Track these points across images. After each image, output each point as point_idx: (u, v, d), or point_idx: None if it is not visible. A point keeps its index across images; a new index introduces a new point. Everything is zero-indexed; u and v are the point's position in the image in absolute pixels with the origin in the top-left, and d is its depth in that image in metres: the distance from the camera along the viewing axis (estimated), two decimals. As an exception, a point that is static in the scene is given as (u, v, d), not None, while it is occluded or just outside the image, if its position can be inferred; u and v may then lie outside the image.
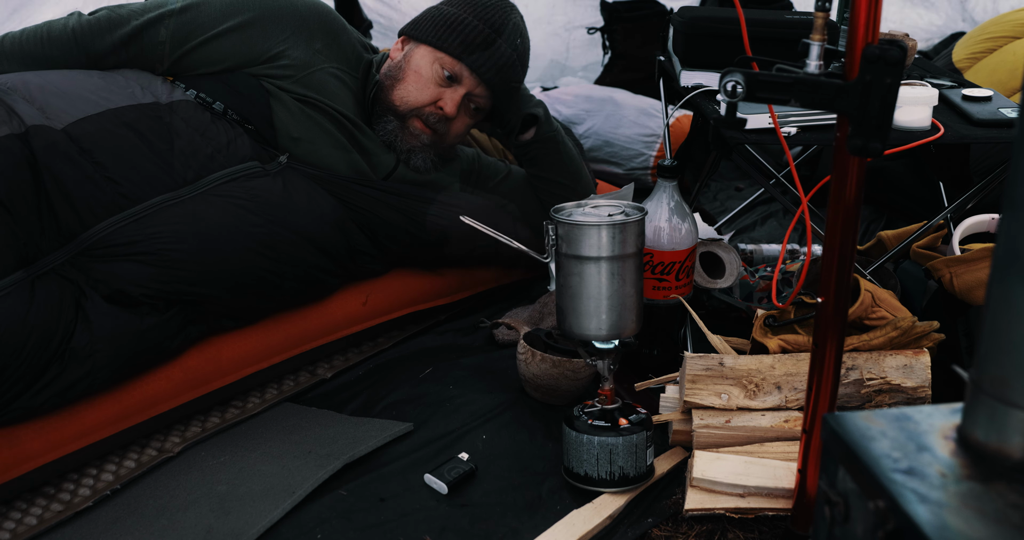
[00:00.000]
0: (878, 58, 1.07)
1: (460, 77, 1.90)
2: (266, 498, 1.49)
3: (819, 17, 1.16)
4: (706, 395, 1.54)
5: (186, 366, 1.69)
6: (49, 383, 1.49)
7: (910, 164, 2.61)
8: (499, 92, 1.95)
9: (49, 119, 1.62)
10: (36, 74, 1.75)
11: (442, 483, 1.52)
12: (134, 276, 1.59)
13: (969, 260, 1.75)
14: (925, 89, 1.67)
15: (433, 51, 1.90)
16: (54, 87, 1.69)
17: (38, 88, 1.68)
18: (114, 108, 1.68)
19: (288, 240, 1.75)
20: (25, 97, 1.65)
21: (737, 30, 1.34)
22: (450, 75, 1.89)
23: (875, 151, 1.11)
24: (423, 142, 1.92)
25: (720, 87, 1.15)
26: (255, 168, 1.75)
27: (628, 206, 1.58)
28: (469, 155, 2.08)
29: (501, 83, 1.93)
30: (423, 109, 1.90)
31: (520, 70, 1.97)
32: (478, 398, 1.78)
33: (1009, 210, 0.75)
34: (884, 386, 1.55)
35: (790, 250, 2.27)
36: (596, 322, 1.53)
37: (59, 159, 1.57)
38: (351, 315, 1.95)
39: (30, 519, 1.46)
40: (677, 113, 2.90)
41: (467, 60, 1.88)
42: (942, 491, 0.74)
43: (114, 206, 1.59)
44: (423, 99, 1.90)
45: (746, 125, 1.65)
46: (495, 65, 1.90)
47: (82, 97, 1.68)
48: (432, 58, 1.90)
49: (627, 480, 1.51)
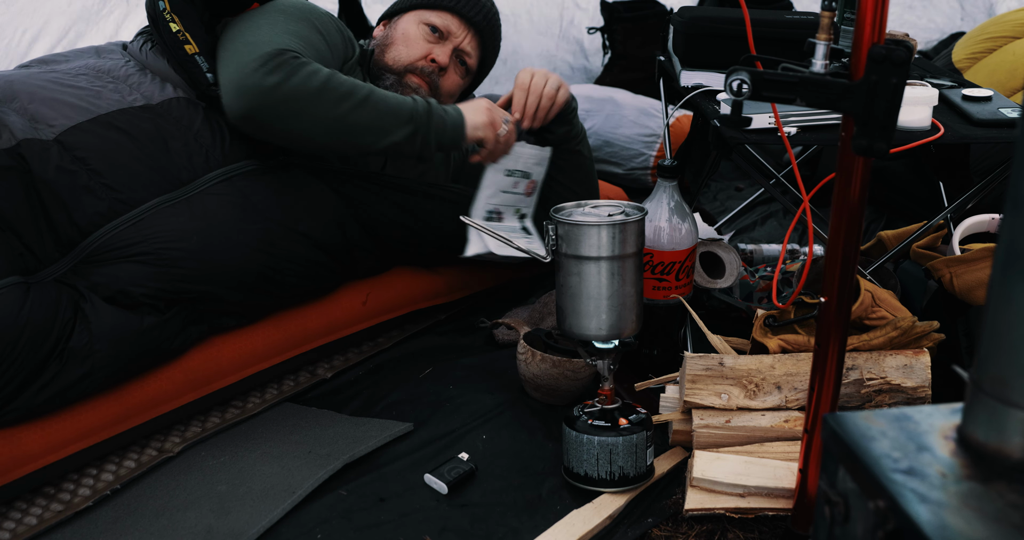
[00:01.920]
0: (884, 58, 1.07)
1: (448, 30, 2.00)
2: (266, 498, 1.49)
3: (825, 16, 1.16)
4: (706, 395, 1.54)
5: (187, 367, 1.69)
6: (48, 382, 1.49)
7: (910, 164, 2.61)
8: (486, 42, 2.05)
9: (40, 130, 1.62)
10: (21, 77, 1.74)
11: (442, 483, 1.52)
12: (134, 276, 1.59)
13: (969, 260, 1.75)
14: (925, 89, 1.67)
15: (417, 13, 2.02)
16: (43, 94, 1.68)
17: (27, 96, 1.67)
18: (105, 113, 1.67)
19: (286, 236, 1.75)
20: (14, 108, 1.65)
21: (737, 30, 1.35)
22: (437, 30, 1.99)
23: (880, 151, 1.11)
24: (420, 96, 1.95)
25: (726, 86, 1.15)
26: (251, 166, 1.75)
27: (628, 206, 1.58)
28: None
29: (488, 27, 2.04)
30: (416, 64, 1.98)
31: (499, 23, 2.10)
32: (478, 398, 1.78)
33: (1010, 210, 0.75)
34: (884, 386, 1.55)
35: (790, 250, 2.27)
36: (596, 322, 1.53)
37: (53, 171, 1.58)
38: (351, 315, 1.95)
39: (30, 519, 1.46)
40: (677, 113, 2.90)
41: (454, 8, 1.99)
42: (942, 491, 0.74)
43: (112, 212, 1.60)
44: (415, 54, 1.98)
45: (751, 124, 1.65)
46: (480, 11, 2.02)
47: (70, 104, 1.68)
48: (417, 20, 2.01)
49: (627, 480, 1.51)
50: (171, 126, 1.70)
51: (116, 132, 1.66)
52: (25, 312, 1.45)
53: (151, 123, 1.69)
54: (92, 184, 1.59)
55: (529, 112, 1.89)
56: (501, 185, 1.90)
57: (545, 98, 1.89)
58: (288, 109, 1.63)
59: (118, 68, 1.82)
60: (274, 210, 1.74)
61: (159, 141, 1.68)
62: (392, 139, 1.71)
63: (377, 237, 1.92)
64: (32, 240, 1.54)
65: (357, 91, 1.68)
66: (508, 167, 1.89)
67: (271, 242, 1.73)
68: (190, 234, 1.64)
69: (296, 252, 1.77)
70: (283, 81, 1.61)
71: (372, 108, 1.69)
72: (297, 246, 1.77)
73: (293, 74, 1.63)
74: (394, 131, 1.71)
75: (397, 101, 1.73)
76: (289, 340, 1.85)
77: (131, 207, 1.61)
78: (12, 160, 1.55)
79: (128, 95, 1.73)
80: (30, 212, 1.55)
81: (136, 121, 1.69)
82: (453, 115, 1.77)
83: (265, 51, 1.64)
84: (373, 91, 1.71)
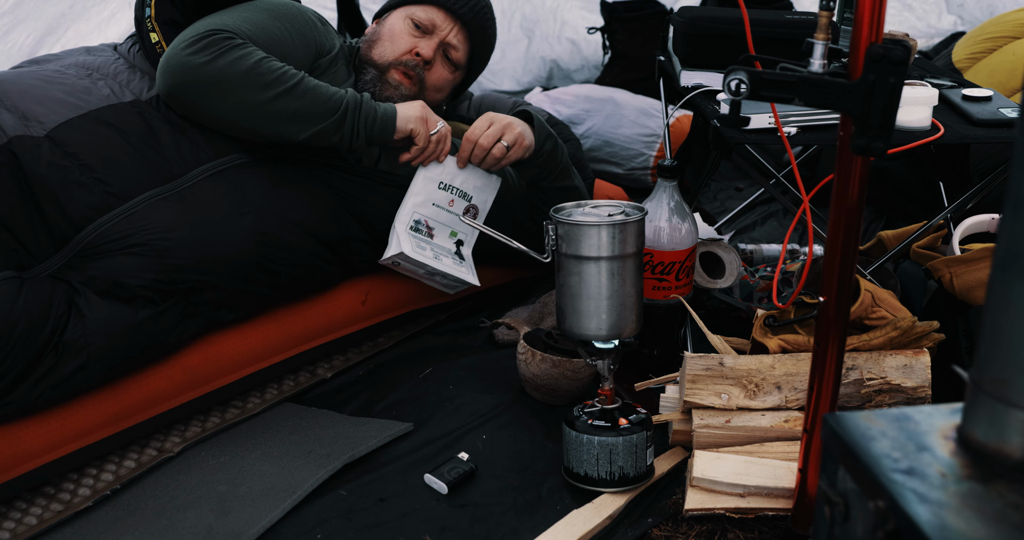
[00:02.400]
0: (882, 57, 1.07)
1: (432, 25, 1.99)
2: (266, 498, 1.49)
3: (823, 16, 1.16)
4: (706, 395, 1.54)
5: (186, 365, 1.69)
6: (44, 376, 1.49)
7: (910, 164, 2.61)
8: (475, 37, 2.04)
9: (31, 127, 1.63)
10: (12, 75, 1.75)
11: (442, 483, 1.52)
12: (128, 268, 1.59)
13: (969, 260, 1.75)
14: (925, 89, 1.67)
15: (404, 9, 2.01)
16: (33, 92, 1.70)
17: (18, 93, 1.69)
18: (95, 109, 1.69)
19: (280, 226, 1.75)
20: (5, 106, 1.66)
21: (736, 30, 1.35)
22: (421, 26, 1.98)
23: (878, 151, 1.11)
24: (402, 93, 1.97)
25: (724, 85, 1.15)
26: (241, 159, 1.75)
27: (628, 206, 1.58)
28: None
29: (476, 21, 2.02)
30: (401, 58, 1.97)
31: (490, 18, 2.07)
32: (478, 398, 1.78)
33: (1010, 210, 0.75)
34: (884, 386, 1.55)
35: (790, 250, 2.27)
36: (596, 322, 1.53)
37: (45, 167, 1.59)
38: (351, 315, 1.95)
39: (30, 519, 1.46)
40: (677, 113, 2.90)
41: (438, 2, 1.99)
42: (942, 491, 0.74)
43: (104, 206, 1.60)
44: (400, 49, 1.97)
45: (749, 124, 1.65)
46: (467, 3, 2.01)
47: (61, 101, 1.69)
48: (403, 15, 2.01)
49: (627, 480, 1.51)
50: (161, 121, 1.71)
51: (106, 127, 1.67)
52: (19, 306, 1.46)
53: (141, 118, 1.70)
54: (84, 179, 1.60)
55: (462, 157, 1.86)
56: (433, 197, 1.86)
57: (478, 148, 1.84)
58: (213, 90, 1.64)
59: (108, 65, 1.83)
60: (267, 200, 1.74)
61: (149, 135, 1.69)
62: (317, 128, 1.71)
63: (373, 230, 1.92)
64: (26, 236, 1.55)
65: (286, 78, 1.68)
66: (443, 180, 1.85)
67: (264, 231, 1.73)
68: (183, 224, 1.64)
69: (290, 241, 1.77)
70: (209, 61, 1.63)
71: (299, 96, 1.69)
72: (291, 235, 1.77)
73: (221, 55, 1.64)
74: (319, 120, 1.71)
75: (327, 91, 1.72)
76: (289, 339, 1.84)
77: (123, 200, 1.62)
78: (4, 157, 1.57)
79: (117, 91, 1.74)
80: (23, 208, 1.56)
81: (126, 116, 1.70)
82: (384, 107, 1.77)
83: (198, 31, 1.66)
84: (304, 79, 1.71)
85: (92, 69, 1.81)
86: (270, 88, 1.66)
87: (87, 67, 1.82)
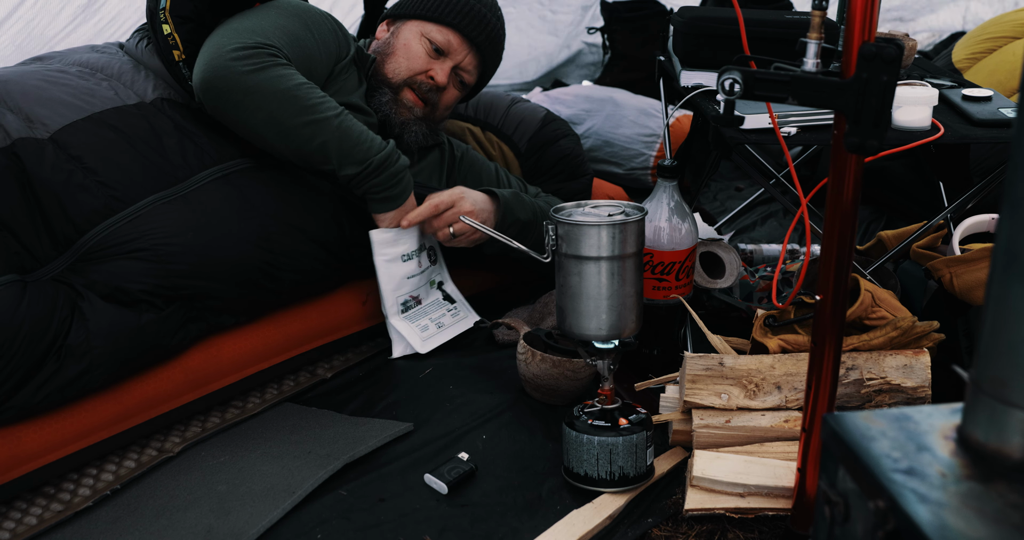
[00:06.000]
0: (874, 56, 1.07)
1: (448, 48, 1.98)
2: (266, 498, 1.49)
3: (816, 15, 1.16)
4: (706, 395, 1.54)
5: (186, 366, 1.69)
6: (47, 380, 1.49)
7: (910, 164, 2.61)
8: (487, 60, 2.05)
9: (35, 129, 1.62)
10: (16, 76, 1.75)
11: (442, 483, 1.52)
12: (131, 273, 1.59)
13: (969, 260, 1.75)
14: (925, 89, 1.67)
15: (420, 24, 1.99)
16: (37, 93, 1.69)
17: (21, 95, 1.68)
18: (99, 112, 1.68)
19: (283, 232, 1.75)
20: (9, 107, 1.65)
21: (736, 30, 1.35)
22: (438, 48, 1.97)
23: (872, 149, 1.11)
24: (416, 115, 1.98)
25: (718, 85, 1.16)
26: (246, 164, 1.75)
27: (628, 206, 1.58)
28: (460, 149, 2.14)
29: (490, 46, 2.03)
30: (415, 78, 1.97)
31: (503, 40, 2.07)
32: (478, 398, 1.78)
33: (1009, 210, 0.75)
34: (884, 386, 1.55)
35: (790, 250, 2.27)
36: (596, 322, 1.53)
37: (49, 169, 1.58)
38: (351, 315, 1.95)
39: (30, 519, 1.46)
40: (677, 113, 2.90)
41: (457, 26, 1.97)
42: (942, 491, 0.74)
43: (108, 210, 1.60)
44: (414, 68, 1.97)
45: (743, 124, 1.66)
46: (484, 30, 2.00)
47: (65, 102, 1.68)
48: (419, 32, 1.99)
49: (627, 480, 1.51)
50: (165, 124, 1.71)
51: (110, 130, 1.66)
52: (22, 309, 1.45)
53: (145, 121, 1.70)
54: (87, 182, 1.60)
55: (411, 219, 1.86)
56: (403, 272, 1.89)
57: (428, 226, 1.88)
58: (249, 100, 1.65)
59: (112, 65, 1.82)
60: (271, 206, 1.74)
61: (153, 139, 1.68)
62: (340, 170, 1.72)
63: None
64: (29, 239, 1.54)
65: (323, 109, 1.68)
66: (402, 252, 1.88)
67: (268, 237, 1.73)
68: (187, 229, 1.64)
69: (294, 248, 1.77)
70: (253, 71, 1.63)
71: (330, 130, 1.69)
72: (295, 242, 1.77)
73: (265, 69, 1.64)
74: (343, 164, 1.71)
75: (361, 135, 1.72)
76: (289, 340, 1.84)
77: (127, 204, 1.61)
78: (7, 159, 1.56)
79: (122, 93, 1.74)
80: (26, 211, 1.55)
81: (130, 119, 1.69)
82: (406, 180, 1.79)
83: (248, 40, 1.66)
84: (341, 116, 1.70)
85: (96, 69, 1.81)
86: (304, 114, 1.67)
87: (91, 67, 1.81)
